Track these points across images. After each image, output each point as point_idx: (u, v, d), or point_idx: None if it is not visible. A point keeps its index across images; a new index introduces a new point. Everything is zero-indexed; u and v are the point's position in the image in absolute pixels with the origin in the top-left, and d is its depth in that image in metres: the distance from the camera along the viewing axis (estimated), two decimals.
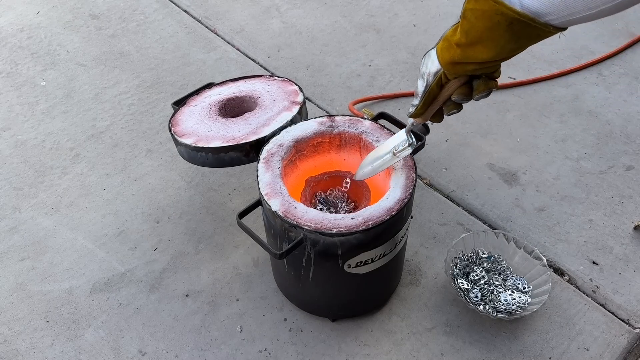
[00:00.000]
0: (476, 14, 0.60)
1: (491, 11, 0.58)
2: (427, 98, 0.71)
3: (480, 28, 0.60)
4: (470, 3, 0.60)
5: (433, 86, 0.70)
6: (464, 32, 0.62)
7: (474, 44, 0.62)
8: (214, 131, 0.96)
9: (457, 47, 0.63)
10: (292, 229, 0.78)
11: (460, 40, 0.63)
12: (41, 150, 1.29)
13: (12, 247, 1.10)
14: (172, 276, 1.04)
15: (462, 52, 0.63)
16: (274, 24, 1.64)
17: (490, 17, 0.59)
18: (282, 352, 0.93)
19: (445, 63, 0.66)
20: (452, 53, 0.64)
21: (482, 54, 0.62)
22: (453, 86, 0.69)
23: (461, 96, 0.69)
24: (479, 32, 0.60)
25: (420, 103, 0.72)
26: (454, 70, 0.66)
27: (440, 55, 0.67)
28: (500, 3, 0.57)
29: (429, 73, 0.69)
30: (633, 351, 0.93)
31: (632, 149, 1.26)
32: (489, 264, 0.99)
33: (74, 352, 0.94)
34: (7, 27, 1.65)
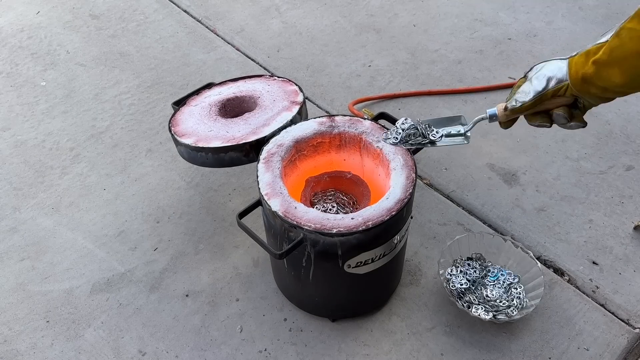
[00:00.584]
0: (632, 34, 0.60)
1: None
2: (537, 100, 0.71)
3: (629, 49, 0.60)
4: (632, 22, 0.60)
5: (550, 91, 0.70)
6: (610, 49, 0.62)
7: (612, 65, 0.62)
8: (214, 131, 0.96)
9: (593, 65, 0.64)
10: (292, 229, 0.78)
11: (601, 57, 0.63)
12: (41, 150, 1.29)
13: (12, 247, 1.10)
14: (172, 276, 1.04)
15: (597, 71, 0.64)
16: (274, 24, 1.64)
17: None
18: (282, 352, 0.93)
19: (576, 77, 0.66)
20: (587, 69, 0.65)
21: (616, 78, 0.62)
22: (559, 103, 0.70)
23: (564, 113, 0.70)
24: (625, 53, 0.60)
25: (530, 102, 0.71)
26: (579, 86, 0.67)
27: (573, 68, 0.67)
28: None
29: (553, 77, 0.69)
30: (633, 351, 0.93)
31: (632, 149, 1.26)
32: (480, 266, 0.99)
33: (74, 352, 0.94)
34: (7, 27, 1.65)
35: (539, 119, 0.73)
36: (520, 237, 1.09)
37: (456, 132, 0.81)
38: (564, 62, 0.69)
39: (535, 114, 0.73)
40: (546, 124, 0.73)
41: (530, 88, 0.71)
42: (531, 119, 0.74)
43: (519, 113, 0.74)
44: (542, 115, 0.73)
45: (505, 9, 1.67)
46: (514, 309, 0.93)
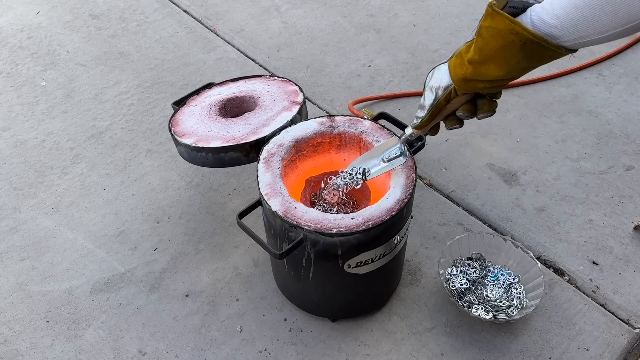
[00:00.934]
0: (491, 32, 0.61)
1: (506, 30, 0.59)
2: (433, 111, 0.72)
3: (494, 46, 0.61)
4: (486, 21, 0.61)
5: (441, 100, 0.71)
6: (478, 49, 0.63)
7: (487, 62, 0.63)
8: (214, 131, 0.96)
9: (470, 64, 0.65)
10: (292, 229, 0.78)
11: (474, 57, 0.64)
12: (41, 150, 1.29)
13: (12, 247, 1.10)
14: (172, 276, 1.04)
15: (474, 70, 0.64)
16: (274, 24, 1.64)
17: (504, 36, 0.60)
18: (282, 352, 0.93)
19: (457, 79, 0.67)
20: (465, 70, 0.65)
21: (494, 72, 0.63)
22: (459, 102, 0.71)
23: (466, 113, 0.71)
24: (492, 50, 0.62)
25: (427, 116, 0.73)
26: (465, 86, 0.67)
27: (452, 71, 0.68)
28: (516, 23, 0.59)
29: (439, 87, 0.70)
30: (633, 351, 0.93)
31: (632, 149, 1.26)
32: (480, 266, 0.99)
33: (74, 352, 0.94)
34: (7, 27, 1.65)
35: (449, 122, 0.74)
36: (520, 237, 1.09)
37: (394, 154, 0.83)
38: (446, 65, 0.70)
39: (445, 118, 0.74)
40: (456, 125, 0.74)
41: (425, 102, 0.73)
42: (446, 124, 0.75)
43: (425, 126, 0.76)
44: (450, 119, 0.74)
45: None
46: (514, 309, 0.93)
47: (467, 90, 0.68)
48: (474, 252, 1.01)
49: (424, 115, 0.73)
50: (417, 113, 0.75)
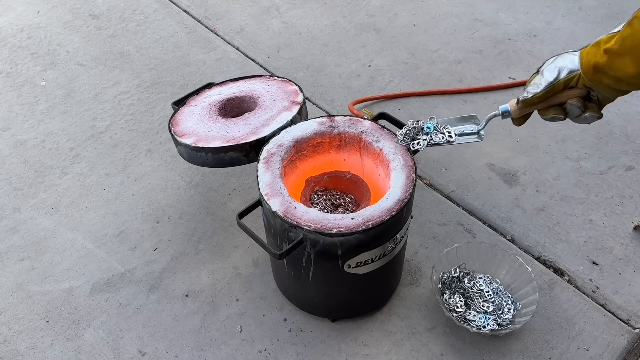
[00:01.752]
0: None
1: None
2: (549, 90, 0.70)
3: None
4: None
5: (562, 82, 0.69)
6: (622, 38, 0.61)
7: (624, 54, 0.61)
8: (213, 131, 0.96)
9: (605, 54, 0.63)
10: (292, 229, 0.78)
11: (613, 46, 0.62)
12: (41, 150, 1.29)
13: (12, 247, 1.10)
14: (172, 276, 1.04)
15: (609, 60, 0.63)
16: (274, 24, 1.64)
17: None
18: (282, 352, 0.93)
19: (587, 66, 0.66)
20: (599, 58, 0.64)
21: (627, 67, 0.61)
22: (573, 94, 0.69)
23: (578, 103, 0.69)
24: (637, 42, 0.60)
25: (542, 92, 0.70)
26: (592, 76, 0.66)
27: (584, 57, 0.66)
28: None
29: (564, 68, 0.68)
30: (633, 351, 0.93)
31: (632, 149, 1.26)
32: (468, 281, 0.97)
33: (73, 352, 0.94)
34: (7, 27, 1.65)
35: (552, 111, 0.72)
36: (520, 237, 1.09)
37: (469, 131, 0.81)
38: (575, 54, 0.68)
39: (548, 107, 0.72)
40: (560, 116, 0.71)
41: (541, 80, 0.70)
42: (544, 113, 0.73)
43: (531, 106, 0.72)
44: (556, 108, 0.72)
45: (505, 9, 1.67)
46: (506, 321, 0.92)
47: (592, 80, 0.66)
48: (463, 262, 0.99)
49: (539, 91, 0.70)
50: (527, 88, 0.72)
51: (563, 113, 0.71)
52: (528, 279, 0.94)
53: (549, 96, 0.71)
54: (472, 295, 0.95)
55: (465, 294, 0.96)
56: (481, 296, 0.95)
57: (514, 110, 0.75)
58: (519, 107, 0.74)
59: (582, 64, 0.66)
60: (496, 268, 0.99)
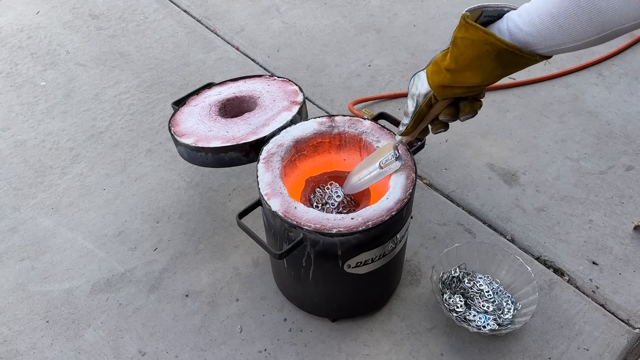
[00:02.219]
0: (466, 43, 0.62)
1: (480, 41, 0.61)
2: (417, 118, 0.74)
3: (470, 56, 0.63)
4: (460, 32, 0.63)
5: (423, 107, 0.73)
6: (454, 58, 0.64)
7: (463, 70, 0.64)
8: (213, 131, 0.96)
9: (447, 72, 0.66)
10: (292, 229, 0.78)
11: (450, 65, 0.65)
12: (41, 150, 1.29)
13: (12, 247, 1.10)
14: (171, 276, 1.04)
15: (452, 77, 0.66)
16: (274, 24, 1.64)
17: (479, 46, 0.61)
18: (282, 352, 0.93)
19: (435, 86, 0.69)
20: (442, 77, 0.67)
21: (471, 79, 0.65)
22: (441, 106, 0.72)
23: (448, 117, 0.72)
24: (467, 59, 0.63)
25: (411, 122, 0.75)
26: (443, 93, 0.69)
27: (430, 78, 0.69)
28: (490, 34, 0.60)
29: (419, 94, 0.72)
30: (633, 351, 0.93)
31: (632, 149, 1.26)
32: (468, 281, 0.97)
33: (73, 352, 0.94)
34: (7, 27, 1.65)
35: (434, 127, 0.76)
36: (520, 237, 1.09)
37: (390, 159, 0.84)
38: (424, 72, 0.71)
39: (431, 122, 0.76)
40: (441, 129, 0.76)
41: (408, 110, 0.75)
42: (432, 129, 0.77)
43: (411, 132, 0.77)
44: (435, 123, 0.76)
45: None
46: (506, 321, 0.92)
47: (446, 96, 0.69)
48: (463, 262, 0.99)
49: (409, 122, 0.76)
50: (402, 120, 0.77)
51: (444, 125, 0.76)
52: (528, 279, 0.94)
53: (420, 120, 0.75)
54: (472, 295, 0.95)
55: (465, 294, 0.96)
56: (481, 296, 0.95)
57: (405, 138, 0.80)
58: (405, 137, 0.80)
59: (431, 85, 0.69)
60: (496, 268, 0.99)
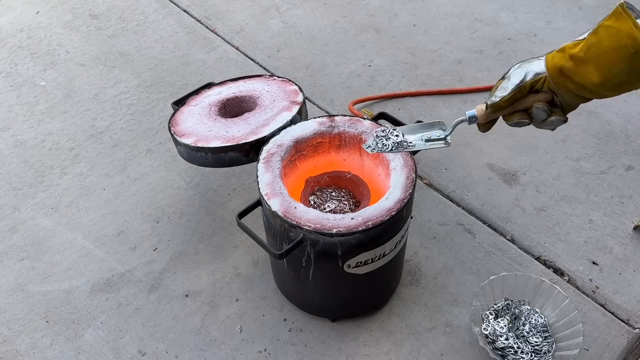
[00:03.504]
0: (609, 32, 0.60)
1: (625, 32, 0.59)
2: (516, 92, 0.70)
3: (605, 47, 0.61)
4: (610, 20, 0.61)
5: (528, 84, 0.69)
6: (587, 46, 0.62)
7: (589, 62, 0.62)
8: (213, 131, 0.96)
9: (571, 60, 0.64)
10: (292, 229, 0.78)
11: (579, 53, 0.63)
12: (41, 150, 1.29)
13: (12, 247, 1.10)
14: (171, 276, 1.04)
15: (574, 66, 0.64)
16: (274, 24, 1.64)
17: (621, 38, 0.59)
18: (282, 352, 0.93)
19: (554, 69, 0.67)
20: (564, 62, 0.65)
21: (592, 76, 0.63)
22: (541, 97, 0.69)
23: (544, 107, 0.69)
24: (601, 50, 0.61)
25: (509, 95, 0.70)
26: (558, 79, 0.67)
27: (550, 61, 0.67)
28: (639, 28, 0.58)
29: (531, 71, 0.69)
30: (633, 351, 0.93)
31: (632, 149, 1.26)
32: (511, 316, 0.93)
33: (73, 352, 0.94)
34: (7, 27, 1.65)
35: (517, 116, 0.72)
36: (520, 237, 1.09)
37: (436, 136, 0.80)
38: (541, 59, 0.69)
39: (514, 112, 0.72)
40: (525, 120, 0.71)
41: (508, 83, 0.71)
42: (509, 118, 0.73)
43: (498, 110, 0.72)
44: (521, 113, 0.72)
45: (505, 9, 1.67)
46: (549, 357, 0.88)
47: (557, 84, 0.67)
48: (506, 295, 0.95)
49: (506, 94, 0.70)
50: (495, 92, 0.72)
51: (528, 118, 0.72)
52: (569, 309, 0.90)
53: (516, 99, 0.71)
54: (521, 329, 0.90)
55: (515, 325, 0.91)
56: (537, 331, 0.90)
57: (480, 115, 0.74)
58: (487, 112, 0.73)
59: (549, 67, 0.67)
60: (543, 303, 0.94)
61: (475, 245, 1.07)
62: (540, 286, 0.93)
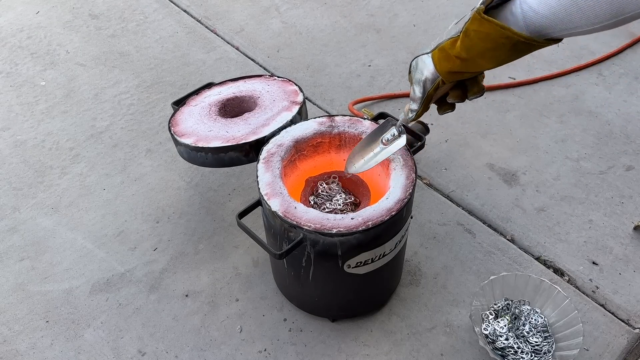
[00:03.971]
0: (480, 36, 0.62)
1: (496, 34, 0.60)
2: (426, 101, 0.74)
3: (483, 48, 0.62)
4: (473, 24, 0.62)
5: (431, 92, 0.72)
6: (465, 48, 0.64)
7: (476, 58, 0.64)
8: (213, 131, 0.96)
9: (457, 59, 0.65)
10: (292, 229, 0.78)
11: (461, 54, 0.65)
12: (41, 150, 1.29)
13: (12, 247, 1.10)
14: (171, 276, 1.04)
15: (463, 64, 0.65)
16: (274, 24, 1.64)
17: (494, 39, 0.61)
18: (282, 353, 0.93)
19: (444, 72, 0.68)
20: (452, 64, 0.66)
21: (484, 66, 0.65)
22: (447, 88, 0.72)
23: (457, 99, 0.72)
24: (481, 50, 0.63)
25: (421, 108, 0.75)
26: (451, 78, 0.69)
27: (438, 65, 0.69)
28: (507, 28, 0.59)
29: (426, 79, 0.71)
30: (633, 351, 0.93)
31: (632, 149, 1.26)
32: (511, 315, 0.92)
33: (73, 352, 0.94)
34: (7, 27, 1.65)
35: (441, 109, 0.76)
36: (520, 237, 1.09)
37: (392, 136, 0.83)
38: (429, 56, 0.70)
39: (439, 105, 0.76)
40: (449, 110, 0.76)
41: (415, 95, 0.74)
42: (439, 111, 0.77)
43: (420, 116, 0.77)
44: (442, 105, 0.76)
45: None
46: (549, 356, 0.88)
47: (454, 80, 0.69)
48: (505, 296, 0.94)
49: (418, 107, 0.75)
50: (410, 106, 0.76)
51: (451, 107, 0.75)
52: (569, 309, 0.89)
53: (428, 104, 0.75)
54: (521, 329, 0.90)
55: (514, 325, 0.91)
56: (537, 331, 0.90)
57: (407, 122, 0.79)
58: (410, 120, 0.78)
59: (439, 71, 0.69)
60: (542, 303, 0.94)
61: (475, 245, 1.07)
62: (540, 286, 0.93)
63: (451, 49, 0.66)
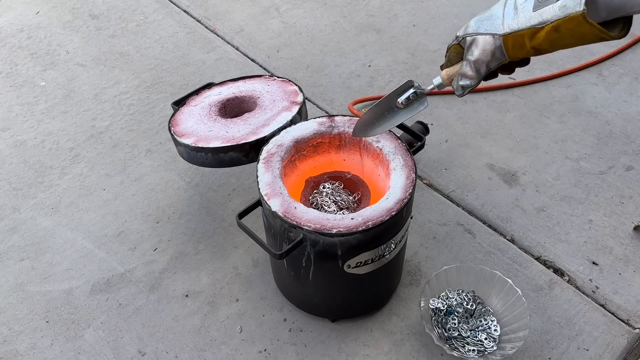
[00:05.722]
0: (574, 34, 0.64)
1: (592, 36, 0.63)
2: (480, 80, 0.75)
3: (570, 43, 0.65)
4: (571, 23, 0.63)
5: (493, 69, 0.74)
6: (550, 41, 0.66)
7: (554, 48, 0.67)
8: (213, 131, 0.96)
9: (532, 49, 0.68)
10: (292, 229, 0.78)
11: (542, 45, 0.67)
12: (41, 151, 1.29)
13: (12, 247, 1.10)
14: (171, 276, 1.04)
15: (536, 53, 0.68)
16: (274, 24, 1.64)
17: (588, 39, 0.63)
18: (282, 353, 0.93)
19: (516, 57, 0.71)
20: (526, 52, 0.69)
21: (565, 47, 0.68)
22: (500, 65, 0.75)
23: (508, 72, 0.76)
24: (565, 44, 0.66)
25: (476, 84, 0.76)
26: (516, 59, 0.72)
27: (511, 50, 0.70)
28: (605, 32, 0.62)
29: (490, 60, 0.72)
30: (633, 351, 0.93)
31: (632, 149, 1.26)
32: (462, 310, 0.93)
33: (73, 353, 0.94)
34: (6, 27, 1.65)
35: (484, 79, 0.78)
36: (520, 237, 1.09)
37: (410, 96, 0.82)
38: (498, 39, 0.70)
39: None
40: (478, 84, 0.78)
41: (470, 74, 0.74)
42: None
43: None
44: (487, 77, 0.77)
45: None
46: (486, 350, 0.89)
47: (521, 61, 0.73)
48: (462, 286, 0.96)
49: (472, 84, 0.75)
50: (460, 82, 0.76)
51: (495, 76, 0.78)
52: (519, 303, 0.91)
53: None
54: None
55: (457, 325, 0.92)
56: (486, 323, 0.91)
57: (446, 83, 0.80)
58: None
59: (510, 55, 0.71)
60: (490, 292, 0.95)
61: (475, 246, 1.07)
62: (493, 278, 0.94)
63: (531, 41, 0.67)
